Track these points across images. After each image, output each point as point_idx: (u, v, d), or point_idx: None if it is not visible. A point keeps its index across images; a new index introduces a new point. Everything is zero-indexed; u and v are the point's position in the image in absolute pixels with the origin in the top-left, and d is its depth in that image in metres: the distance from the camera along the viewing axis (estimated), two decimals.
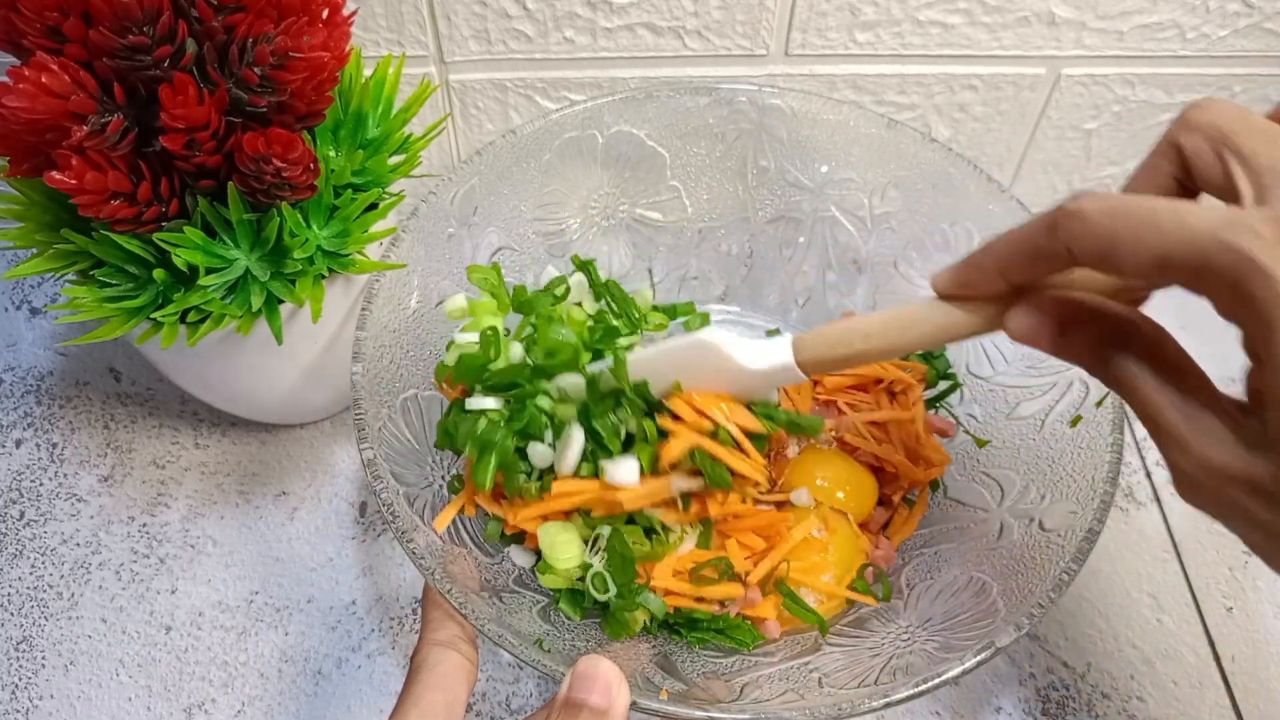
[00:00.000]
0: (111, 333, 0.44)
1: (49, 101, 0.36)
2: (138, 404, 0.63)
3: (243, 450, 0.60)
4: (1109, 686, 0.50)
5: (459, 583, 0.39)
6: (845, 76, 0.63)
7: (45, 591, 0.55)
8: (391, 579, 0.55)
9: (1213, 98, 0.29)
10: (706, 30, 0.61)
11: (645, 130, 0.55)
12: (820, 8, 0.59)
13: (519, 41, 0.61)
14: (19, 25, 0.37)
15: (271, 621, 0.53)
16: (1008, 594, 0.39)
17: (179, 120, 0.39)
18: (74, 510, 0.58)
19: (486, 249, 0.54)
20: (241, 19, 0.39)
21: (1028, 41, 0.61)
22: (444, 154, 0.69)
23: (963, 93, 0.64)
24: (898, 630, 0.42)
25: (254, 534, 0.57)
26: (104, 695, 0.51)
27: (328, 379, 0.55)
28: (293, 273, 0.46)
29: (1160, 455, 0.29)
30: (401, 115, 0.51)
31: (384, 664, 0.52)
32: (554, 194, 0.56)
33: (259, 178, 0.42)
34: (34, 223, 0.45)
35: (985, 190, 0.51)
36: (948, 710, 0.49)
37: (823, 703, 0.35)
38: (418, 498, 0.44)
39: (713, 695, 0.38)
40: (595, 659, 0.34)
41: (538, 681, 0.51)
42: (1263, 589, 0.53)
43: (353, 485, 0.59)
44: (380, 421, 0.44)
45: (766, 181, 0.57)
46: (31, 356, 0.66)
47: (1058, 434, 0.45)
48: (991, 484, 0.47)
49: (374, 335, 0.46)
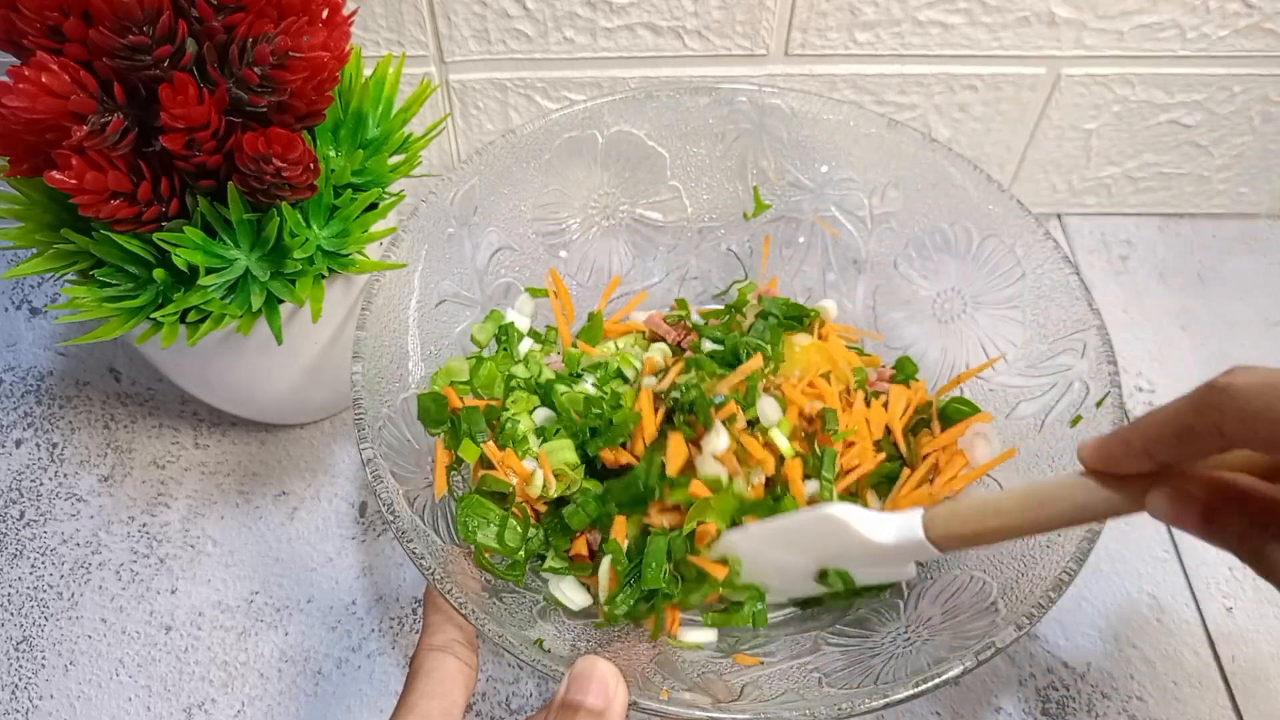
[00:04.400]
0: (111, 333, 0.44)
1: (49, 101, 0.36)
2: (138, 404, 0.63)
3: (243, 450, 0.60)
4: (1109, 686, 0.50)
5: (459, 583, 0.39)
6: (845, 76, 0.63)
7: (45, 591, 0.55)
8: (391, 579, 0.55)
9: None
10: (706, 30, 0.61)
11: (645, 130, 0.55)
12: (820, 8, 0.59)
13: (519, 41, 0.61)
14: (19, 25, 0.37)
15: (271, 621, 0.53)
16: (1008, 594, 0.39)
17: (179, 120, 0.39)
18: (74, 510, 0.58)
19: (486, 249, 0.54)
20: (241, 19, 0.39)
21: (1028, 41, 0.61)
22: (444, 154, 0.69)
23: (963, 93, 0.64)
24: (898, 630, 0.42)
25: (254, 534, 0.57)
26: (104, 695, 0.51)
27: (328, 379, 0.55)
28: (293, 273, 0.46)
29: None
30: (401, 115, 0.51)
31: (384, 664, 0.52)
32: (554, 194, 0.56)
33: (259, 178, 0.42)
34: (34, 223, 0.45)
35: (985, 190, 0.51)
36: (948, 710, 0.49)
37: (823, 703, 0.35)
38: (418, 498, 0.44)
39: (713, 695, 0.38)
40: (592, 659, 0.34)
41: (538, 681, 0.51)
42: (1263, 589, 0.53)
43: (353, 485, 0.59)
44: (380, 421, 0.44)
45: (766, 181, 0.57)
46: (31, 356, 0.66)
47: (1058, 434, 0.45)
48: (991, 484, 0.48)
49: (374, 335, 0.46)
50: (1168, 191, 0.70)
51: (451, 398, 0.48)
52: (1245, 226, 0.71)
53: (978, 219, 0.51)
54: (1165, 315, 0.66)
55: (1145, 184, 0.70)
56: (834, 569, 0.42)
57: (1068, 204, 0.72)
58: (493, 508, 0.45)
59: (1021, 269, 0.49)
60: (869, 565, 0.40)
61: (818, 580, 0.43)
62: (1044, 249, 0.48)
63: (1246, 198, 0.71)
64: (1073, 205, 0.72)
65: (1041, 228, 0.49)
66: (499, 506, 0.46)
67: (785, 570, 0.43)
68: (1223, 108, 0.64)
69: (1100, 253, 0.70)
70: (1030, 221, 0.49)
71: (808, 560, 0.42)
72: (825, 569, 0.42)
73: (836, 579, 0.42)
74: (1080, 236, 0.71)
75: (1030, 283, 0.49)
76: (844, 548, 0.40)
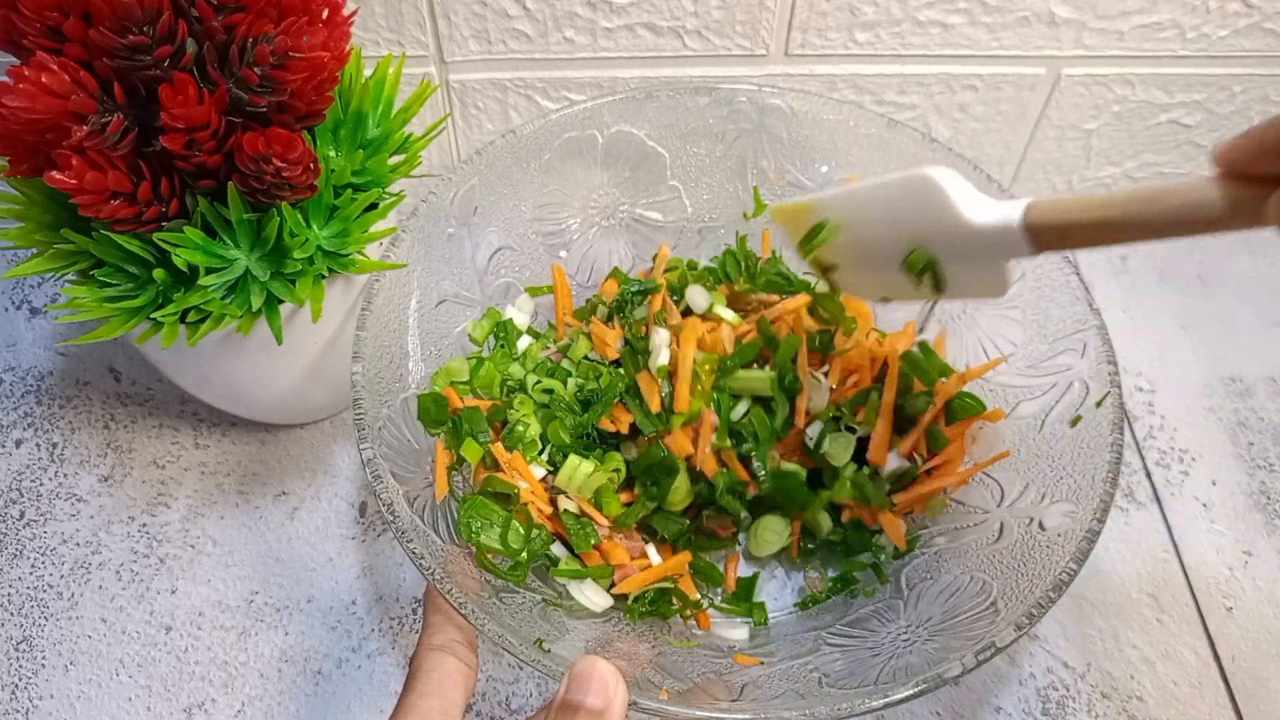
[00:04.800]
0: (111, 333, 0.44)
1: (49, 101, 0.36)
2: (138, 404, 0.63)
3: (243, 450, 0.60)
4: (1109, 686, 0.50)
5: (459, 583, 0.39)
6: (845, 76, 0.63)
7: (45, 591, 0.55)
8: (391, 579, 0.55)
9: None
10: (706, 30, 0.61)
11: (645, 130, 0.55)
12: (820, 8, 0.59)
13: (519, 41, 0.61)
14: (19, 25, 0.37)
15: (271, 621, 0.53)
16: (1008, 594, 0.39)
17: (179, 120, 0.39)
18: (74, 510, 0.58)
19: (486, 249, 0.54)
20: (241, 19, 0.39)
21: (1028, 41, 0.61)
22: (444, 154, 0.69)
23: (963, 93, 0.64)
24: (898, 630, 0.42)
25: (254, 534, 0.57)
26: (104, 695, 0.51)
27: (328, 379, 0.55)
28: (293, 273, 0.46)
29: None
30: (401, 115, 0.51)
31: (384, 664, 0.52)
32: (554, 194, 0.56)
33: (259, 178, 0.42)
34: (34, 223, 0.45)
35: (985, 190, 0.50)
36: (948, 710, 0.49)
37: (823, 703, 0.35)
38: (418, 498, 0.44)
39: (713, 695, 0.38)
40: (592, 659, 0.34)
41: (538, 681, 0.51)
42: (1263, 589, 0.53)
43: (353, 485, 0.59)
44: (380, 421, 0.44)
45: (766, 181, 0.57)
46: (31, 356, 0.66)
47: (1058, 434, 0.45)
48: (991, 484, 0.47)
49: (374, 335, 0.46)
50: None
51: (452, 398, 0.48)
52: None
53: None
54: (1165, 315, 0.66)
55: (1145, 184, 0.70)
56: (923, 252, 0.37)
57: None
58: (496, 509, 0.45)
59: (1021, 269, 0.49)
60: (958, 256, 0.36)
61: (904, 266, 0.38)
62: None
63: None
64: None
65: None
66: (502, 508, 0.46)
67: (874, 246, 0.39)
68: (1223, 108, 0.64)
69: (1100, 253, 0.70)
70: None
71: (898, 234, 0.38)
72: (915, 251, 0.38)
73: (922, 259, 0.37)
74: None
75: (1030, 283, 0.49)
76: (937, 222, 0.36)
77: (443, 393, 0.48)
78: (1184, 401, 0.61)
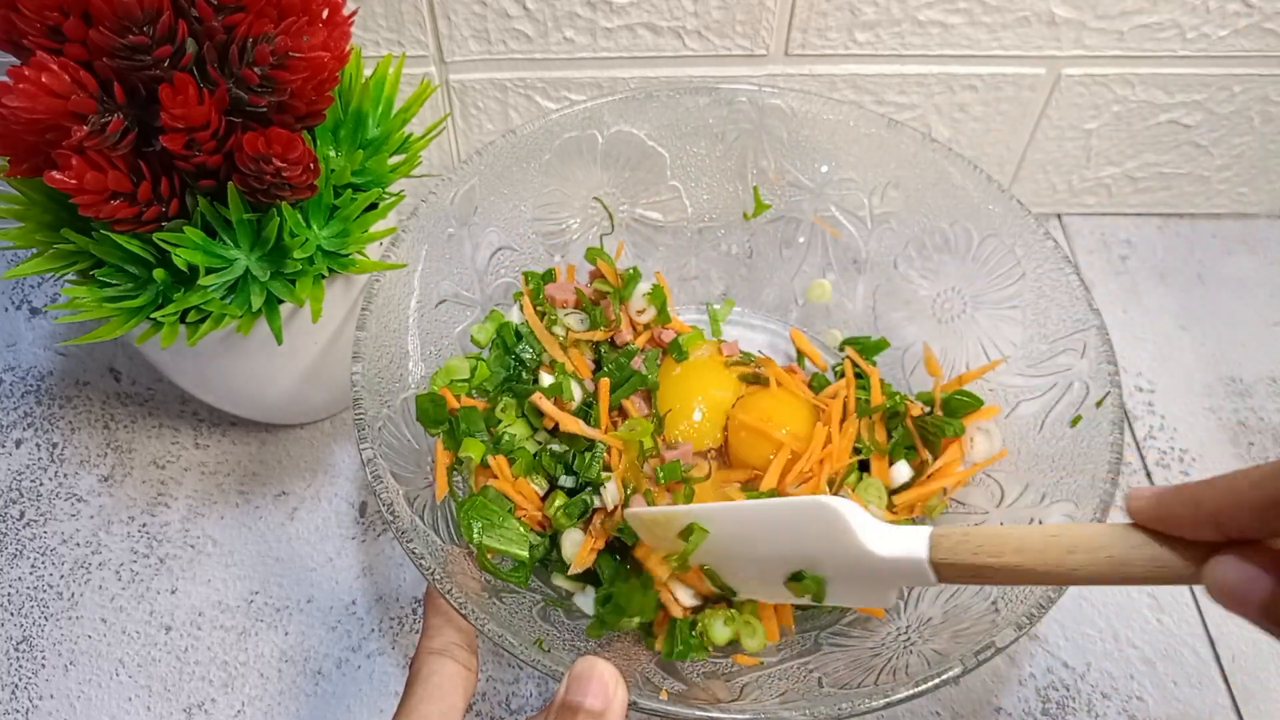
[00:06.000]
0: (111, 333, 0.44)
1: (49, 101, 0.36)
2: (138, 404, 0.63)
3: (243, 450, 0.60)
4: (1109, 686, 0.50)
5: (459, 584, 0.39)
6: (845, 76, 0.63)
7: (45, 591, 0.55)
8: (391, 579, 0.55)
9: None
10: (706, 30, 0.61)
11: (645, 130, 0.55)
12: (820, 8, 0.59)
13: (519, 41, 0.61)
14: (19, 25, 0.37)
15: (271, 621, 0.53)
16: (1008, 594, 0.39)
17: (179, 120, 0.39)
18: (74, 510, 0.58)
19: (486, 249, 0.54)
20: (241, 19, 0.39)
21: (1028, 41, 0.61)
22: (444, 154, 0.69)
23: (963, 93, 0.64)
24: (898, 630, 0.42)
25: (254, 534, 0.57)
26: (104, 695, 0.51)
27: (328, 379, 0.55)
28: (293, 273, 0.46)
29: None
30: (401, 115, 0.51)
31: (384, 664, 0.52)
32: (554, 194, 0.56)
33: (259, 178, 0.42)
34: (34, 223, 0.45)
35: (985, 190, 0.51)
36: (948, 710, 0.49)
37: (823, 703, 0.35)
38: (418, 498, 0.44)
39: (713, 695, 0.38)
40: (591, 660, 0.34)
41: (538, 681, 0.51)
42: None
43: (353, 485, 0.59)
44: (380, 421, 0.44)
45: (766, 181, 0.57)
46: (31, 356, 0.66)
47: (1058, 434, 0.45)
48: (991, 484, 0.47)
49: (374, 335, 0.46)
50: (1168, 191, 0.70)
51: (449, 398, 0.48)
52: (1245, 226, 0.71)
53: (978, 219, 0.51)
54: (1165, 315, 0.66)
55: (1145, 184, 0.70)
56: (811, 574, 0.37)
57: (1068, 204, 0.72)
58: (497, 510, 0.46)
59: (1021, 269, 0.49)
60: (851, 579, 0.36)
61: (789, 583, 0.39)
62: (1044, 249, 0.48)
63: (1246, 198, 0.71)
64: (1073, 205, 0.72)
65: (1041, 228, 0.49)
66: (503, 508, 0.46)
67: (759, 563, 0.39)
68: (1223, 108, 0.64)
69: (1100, 253, 0.70)
70: (1030, 221, 0.49)
71: (786, 555, 0.38)
72: (802, 572, 0.38)
73: (813, 583, 0.37)
74: (1080, 236, 0.71)
75: (1030, 283, 0.49)
76: (832, 550, 0.35)
77: (440, 393, 0.48)
78: (1184, 401, 0.61)
